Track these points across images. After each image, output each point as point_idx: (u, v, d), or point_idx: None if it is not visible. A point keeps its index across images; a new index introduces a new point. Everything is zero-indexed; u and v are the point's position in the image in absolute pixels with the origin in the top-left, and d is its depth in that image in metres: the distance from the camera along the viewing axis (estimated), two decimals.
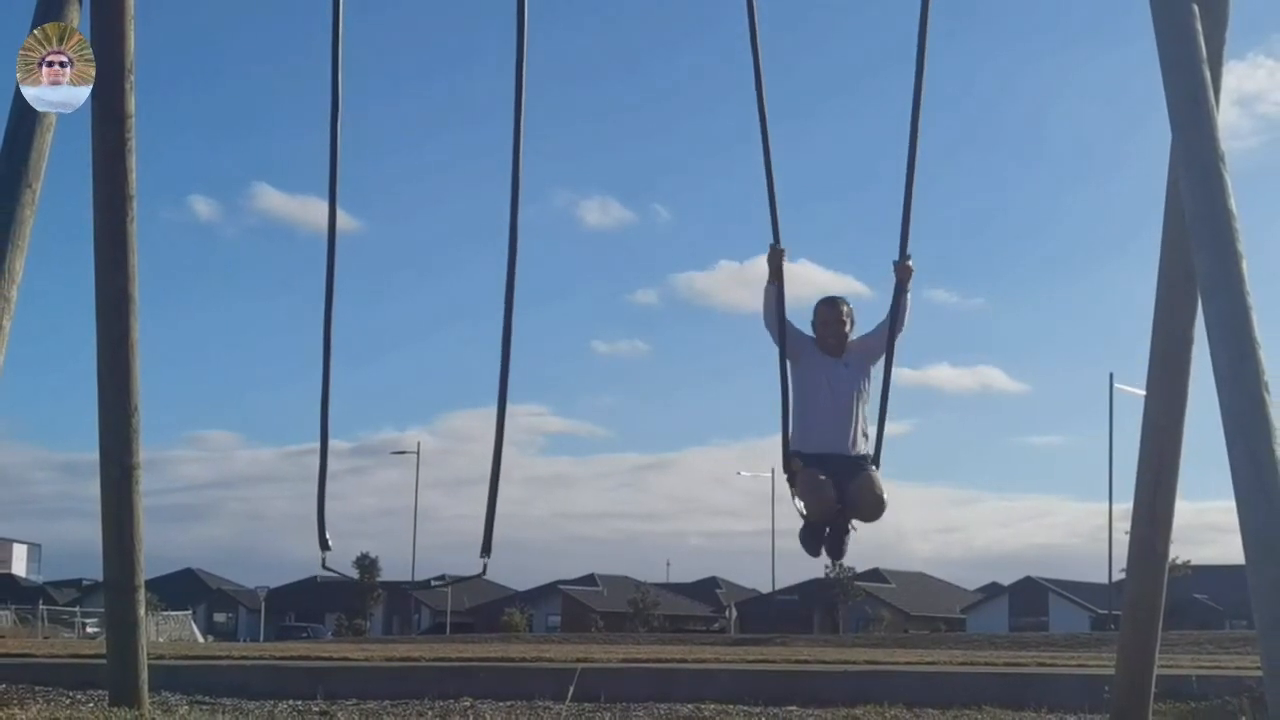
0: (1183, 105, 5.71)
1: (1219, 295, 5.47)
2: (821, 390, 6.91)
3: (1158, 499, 6.38)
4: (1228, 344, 5.40)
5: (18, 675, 9.90)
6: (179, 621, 50.94)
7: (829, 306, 7.05)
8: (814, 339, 7.00)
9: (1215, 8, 5.98)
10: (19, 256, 5.77)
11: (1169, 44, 5.78)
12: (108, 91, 6.41)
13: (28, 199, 5.82)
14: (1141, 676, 6.47)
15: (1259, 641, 5.23)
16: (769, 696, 8.68)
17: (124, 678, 6.67)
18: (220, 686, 9.37)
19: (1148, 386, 6.50)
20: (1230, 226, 5.52)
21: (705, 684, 9.81)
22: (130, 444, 6.60)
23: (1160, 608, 6.49)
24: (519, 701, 8.03)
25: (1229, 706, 7.81)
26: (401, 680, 10.15)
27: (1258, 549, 5.17)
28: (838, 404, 6.89)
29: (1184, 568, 44.46)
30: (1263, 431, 5.25)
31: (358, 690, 9.31)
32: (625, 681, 9.66)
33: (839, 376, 6.93)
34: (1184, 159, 5.73)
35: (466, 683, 9.67)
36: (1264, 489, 5.19)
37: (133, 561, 6.63)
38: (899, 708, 7.95)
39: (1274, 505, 5.17)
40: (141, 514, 6.67)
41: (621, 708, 7.92)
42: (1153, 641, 6.48)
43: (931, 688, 9.39)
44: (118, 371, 6.57)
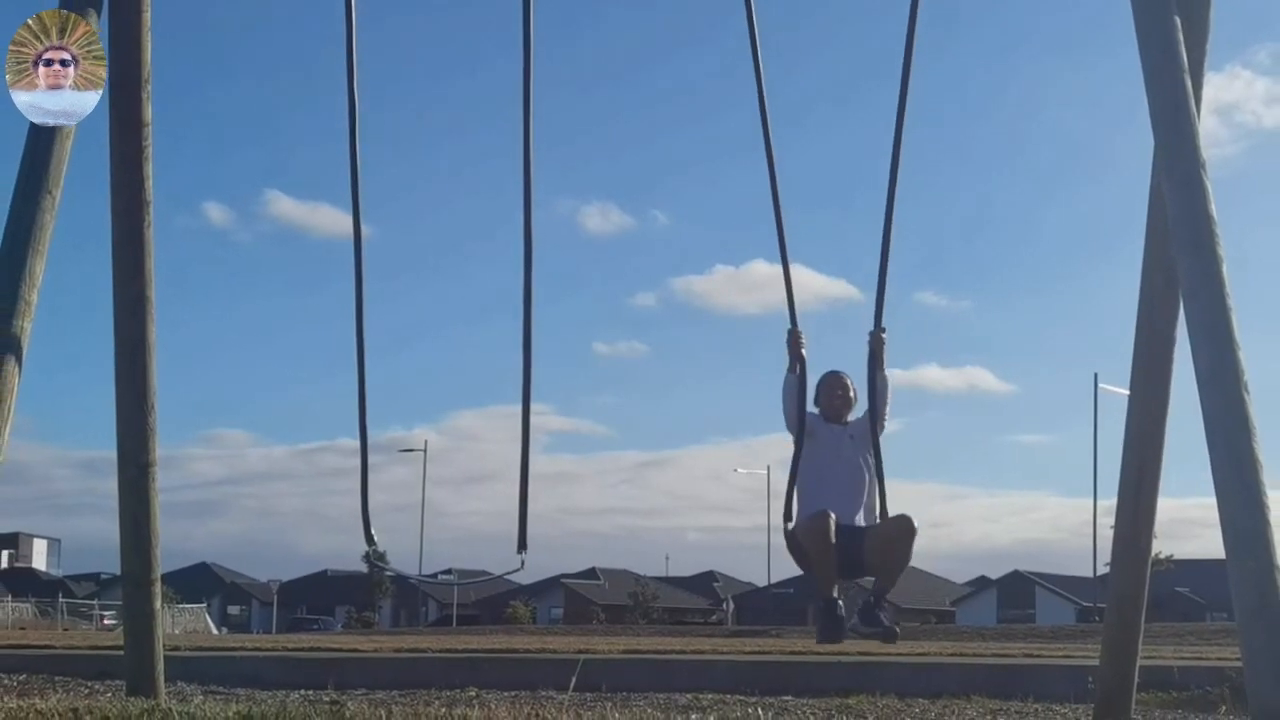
0: (1165, 114, 5.70)
1: (1200, 297, 5.47)
2: (830, 460, 6.73)
3: (1141, 495, 6.38)
4: (1208, 344, 5.40)
5: (38, 666, 9.90)
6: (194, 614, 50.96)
7: (834, 377, 6.95)
8: (819, 414, 6.87)
9: (1197, 20, 5.98)
10: (39, 261, 5.77)
11: (1152, 54, 5.78)
12: (125, 101, 6.41)
13: (48, 205, 5.82)
14: (1125, 667, 6.47)
15: (1239, 633, 5.22)
16: (765, 686, 8.68)
17: (141, 668, 6.67)
18: (234, 677, 9.37)
19: (1131, 386, 6.50)
20: (1211, 231, 5.52)
21: (703, 674, 9.82)
22: (147, 442, 6.59)
23: (1143, 601, 6.49)
24: (523, 691, 8.03)
25: (1210, 696, 7.81)
26: (409, 671, 10.15)
27: (1237, 543, 5.16)
28: (848, 473, 6.72)
29: (1166, 562, 44.51)
30: (1242, 429, 5.25)
31: (367, 680, 9.31)
32: (626, 672, 9.66)
33: (846, 445, 6.79)
34: (1166, 166, 5.73)
35: (472, 673, 9.66)
36: (1244, 485, 5.18)
37: (149, 556, 6.62)
38: (890, 697, 7.95)
39: (1253, 501, 5.16)
40: (158, 510, 6.66)
41: (622, 697, 7.92)
42: (1136, 633, 6.47)
43: (922, 678, 9.38)
44: (135, 372, 6.56)
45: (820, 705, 7.60)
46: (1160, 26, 5.77)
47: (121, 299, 6.57)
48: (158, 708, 3.90)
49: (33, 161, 5.85)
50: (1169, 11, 5.79)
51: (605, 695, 7.97)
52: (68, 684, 8.48)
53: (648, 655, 12.70)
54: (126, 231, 6.53)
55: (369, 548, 6.32)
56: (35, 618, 47.03)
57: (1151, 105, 5.75)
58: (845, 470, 6.70)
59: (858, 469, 6.71)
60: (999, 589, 70.21)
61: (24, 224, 5.74)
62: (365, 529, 6.30)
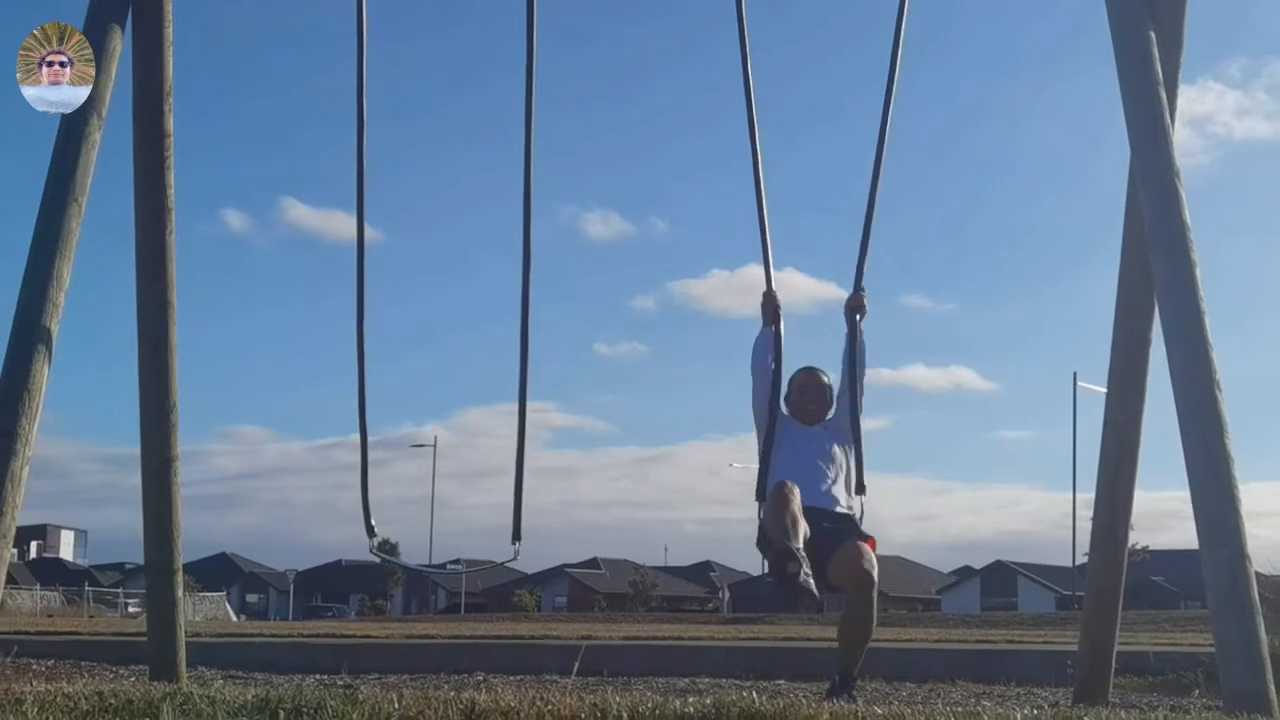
0: (1142, 125, 5.70)
1: (1175, 299, 5.47)
2: (800, 452, 6.09)
3: (1118, 488, 6.38)
4: (1183, 345, 5.40)
5: (65, 652, 9.90)
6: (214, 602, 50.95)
7: (807, 374, 6.33)
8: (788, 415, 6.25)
9: (1171, 36, 5.97)
10: (66, 266, 5.76)
11: (1129, 69, 5.78)
12: (149, 113, 6.41)
13: (74, 212, 5.82)
14: (1103, 653, 6.47)
15: (1211, 620, 5.22)
16: (759, 671, 8.67)
17: (163, 654, 6.67)
18: (252, 662, 9.37)
19: (1108, 384, 6.49)
20: (1185, 236, 5.52)
21: (700, 659, 9.80)
22: (169, 438, 6.59)
23: (1120, 589, 6.49)
24: (528, 676, 8.01)
25: (1184, 680, 7.80)
26: (420, 656, 10.13)
27: (1210, 534, 5.16)
28: (818, 462, 6.07)
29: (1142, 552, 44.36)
30: (1215, 426, 5.25)
31: (379, 665, 9.30)
32: (626, 657, 9.65)
33: (817, 438, 6.17)
34: (1142, 174, 5.73)
35: (480, 658, 9.66)
36: (1216, 479, 5.19)
37: (171, 546, 6.62)
38: (879, 681, 7.93)
39: (1225, 494, 5.16)
40: (179, 503, 6.65)
41: (623, 681, 7.91)
42: (1113, 620, 6.47)
43: (909, 663, 9.37)
44: (158, 371, 6.56)
45: (812, 689, 7.59)
46: (1136, 43, 5.78)
47: (145, 302, 6.57)
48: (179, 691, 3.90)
49: (59, 171, 5.85)
50: (1145, 28, 5.79)
51: (607, 679, 7.97)
52: (94, 669, 8.47)
53: (647, 641, 12.70)
54: (150, 237, 6.53)
55: (370, 539, 6.35)
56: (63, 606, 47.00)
57: (1128, 117, 5.76)
58: (818, 460, 6.06)
59: (830, 459, 6.08)
60: (982, 578, 70.17)
61: (51, 231, 5.74)
62: (366, 522, 6.32)
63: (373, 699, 3.72)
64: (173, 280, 6.58)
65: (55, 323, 5.69)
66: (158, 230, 6.51)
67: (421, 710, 3.54)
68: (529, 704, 3.68)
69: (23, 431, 5.49)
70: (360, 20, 6.49)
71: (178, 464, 6.65)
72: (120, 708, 3.61)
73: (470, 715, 3.56)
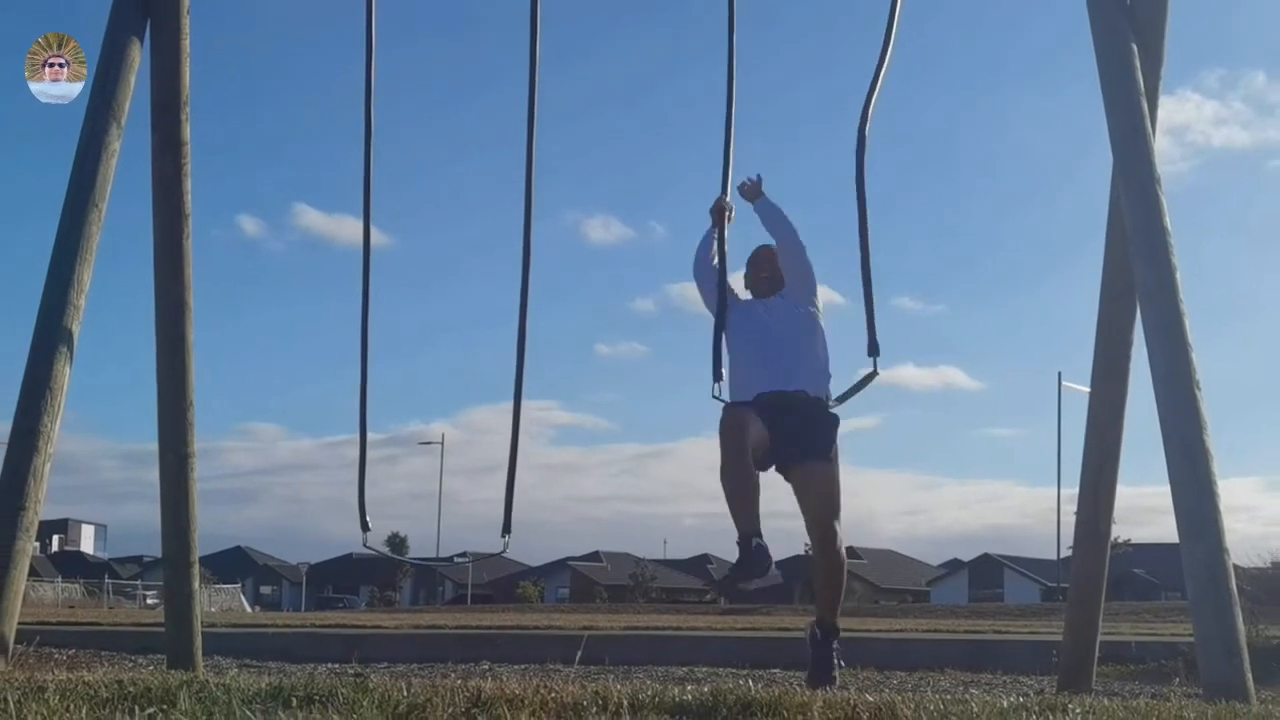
0: (1124, 134, 5.71)
1: (1156, 302, 5.47)
2: (754, 328, 5.72)
3: (1101, 484, 6.38)
4: (1164, 346, 5.41)
5: (86, 641, 9.90)
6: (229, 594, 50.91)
7: (755, 250, 6.02)
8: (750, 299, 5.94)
9: (1152, 49, 5.98)
10: (86, 269, 5.77)
11: (1111, 80, 5.79)
12: (166, 122, 6.41)
13: (94, 218, 5.82)
14: (1086, 643, 6.47)
15: (1191, 611, 5.23)
16: (755, 660, 8.67)
17: (180, 644, 6.67)
18: (266, 651, 9.37)
19: (1092, 384, 6.50)
20: (1166, 241, 5.53)
21: (698, 649, 9.80)
22: (186, 435, 6.59)
23: (1103, 581, 6.49)
24: (533, 665, 8.02)
25: (1165, 669, 7.81)
26: (428, 646, 10.14)
27: (1190, 529, 5.17)
28: (774, 333, 5.67)
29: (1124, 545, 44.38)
30: (1194, 423, 5.26)
31: (389, 654, 9.30)
32: (627, 647, 9.65)
33: (774, 307, 5.78)
34: (1124, 181, 5.74)
35: (486, 648, 9.67)
36: (1195, 475, 5.20)
37: (188, 540, 6.62)
38: (870, 670, 7.94)
39: (1204, 489, 5.17)
40: (196, 497, 6.66)
41: (623, 670, 7.91)
42: (1097, 611, 6.48)
43: (899, 653, 9.38)
44: (175, 371, 6.56)
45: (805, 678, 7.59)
46: (1119, 55, 5.78)
47: (163, 304, 6.57)
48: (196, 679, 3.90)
49: (80, 178, 5.85)
50: (1127, 41, 5.80)
51: (608, 668, 7.97)
52: (113, 658, 8.47)
53: (647, 632, 12.70)
54: (167, 242, 6.53)
55: (364, 533, 6.40)
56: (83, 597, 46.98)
57: (1111, 126, 5.76)
58: (776, 332, 5.67)
59: (790, 328, 5.67)
60: (970, 570, 70.07)
61: (72, 236, 5.75)
62: (361, 518, 6.34)
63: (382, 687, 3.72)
64: (190, 283, 6.58)
65: (76, 324, 5.70)
66: (175, 235, 6.52)
67: (429, 698, 3.53)
68: (533, 692, 3.69)
69: (45, 429, 5.50)
70: (369, 31, 6.49)
71: (194, 460, 6.65)
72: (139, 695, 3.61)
73: (476, 703, 3.56)
